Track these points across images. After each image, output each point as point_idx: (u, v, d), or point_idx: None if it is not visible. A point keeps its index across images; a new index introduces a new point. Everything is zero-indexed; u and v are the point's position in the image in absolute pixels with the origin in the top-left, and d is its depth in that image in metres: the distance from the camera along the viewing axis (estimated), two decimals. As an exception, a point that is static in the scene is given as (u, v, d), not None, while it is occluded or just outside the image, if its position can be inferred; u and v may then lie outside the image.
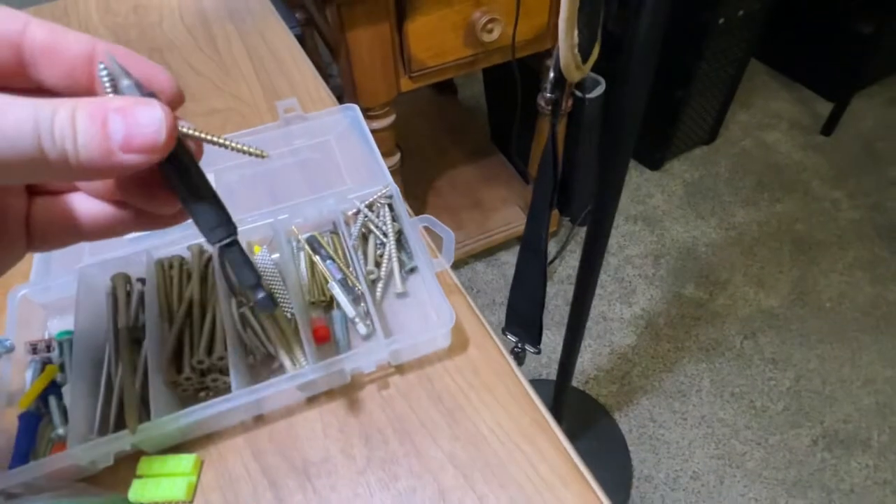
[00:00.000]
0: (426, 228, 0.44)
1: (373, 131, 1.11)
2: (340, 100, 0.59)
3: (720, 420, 1.27)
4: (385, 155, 1.13)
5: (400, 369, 0.40)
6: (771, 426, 1.26)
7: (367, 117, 1.04)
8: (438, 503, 0.34)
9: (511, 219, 1.54)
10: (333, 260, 0.44)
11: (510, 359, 0.41)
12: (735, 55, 1.58)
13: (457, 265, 1.59)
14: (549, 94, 0.46)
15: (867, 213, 1.64)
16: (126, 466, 0.36)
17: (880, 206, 1.66)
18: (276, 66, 0.63)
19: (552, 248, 1.62)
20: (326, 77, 0.96)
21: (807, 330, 1.41)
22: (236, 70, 0.63)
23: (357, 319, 0.41)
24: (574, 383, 1.33)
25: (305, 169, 0.53)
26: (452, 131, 1.78)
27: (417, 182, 1.63)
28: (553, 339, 1.42)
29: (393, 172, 1.17)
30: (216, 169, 0.53)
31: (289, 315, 0.41)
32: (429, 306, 0.44)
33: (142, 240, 0.45)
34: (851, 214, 1.64)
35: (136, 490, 0.35)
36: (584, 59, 0.42)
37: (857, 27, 1.74)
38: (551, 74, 0.44)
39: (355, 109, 0.55)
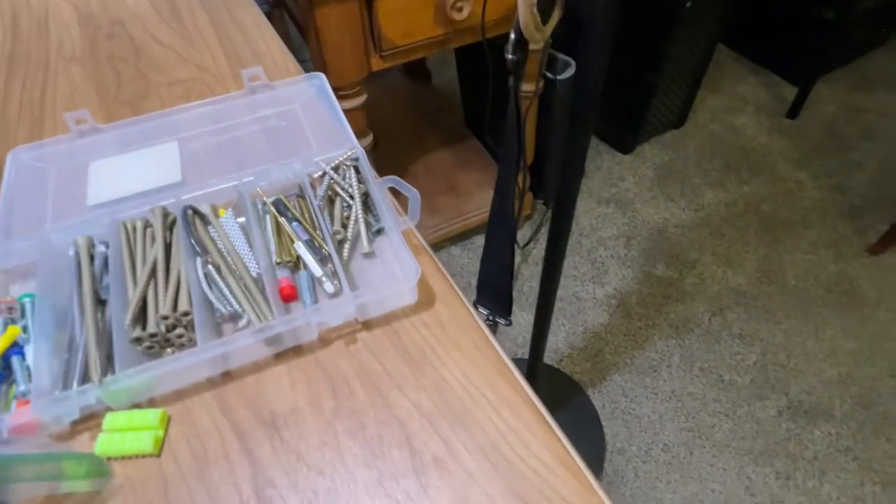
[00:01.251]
0: (392, 189, 0.45)
1: (343, 112, 1.10)
2: (308, 71, 0.59)
3: (689, 394, 1.30)
4: (357, 136, 1.12)
5: (367, 325, 0.41)
6: (738, 399, 1.29)
7: (338, 97, 1.03)
8: (404, 448, 0.35)
9: (486, 203, 1.55)
10: (300, 222, 0.44)
11: (476, 314, 0.42)
12: (703, 39, 1.61)
13: (433, 249, 1.59)
14: (510, 56, 0.47)
15: (830, 194, 1.69)
16: (93, 424, 0.36)
17: (843, 186, 1.71)
18: (241, 37, 0.63)
19: (527, 231, 1.64)
20: (298, 60, 0.96)
21: (772, 306, 1.45)
22: (200, 41, 0.63)
23: (324, 278, 0.42)
24: (549, 361, 1.35)
25: (271, 136, 0.53)
26: (426, 116, 1.78)
27: (392, 167, 1.63)
28: (527, 319, 1.44)
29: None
30: (180, 138, 0.53)
31: (254, 274, 0.41)
32: (396, 266, 0.44)
33: (106, 204, 0.45)
34: (815, 195, 1.69)
35: (102, 444, 0.35)
36: (545, 21, 0.43)
37: (820, 13, 1.78)
38: (512, 35, 0.45)
39: (322, 78, 0.55)
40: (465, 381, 0.38)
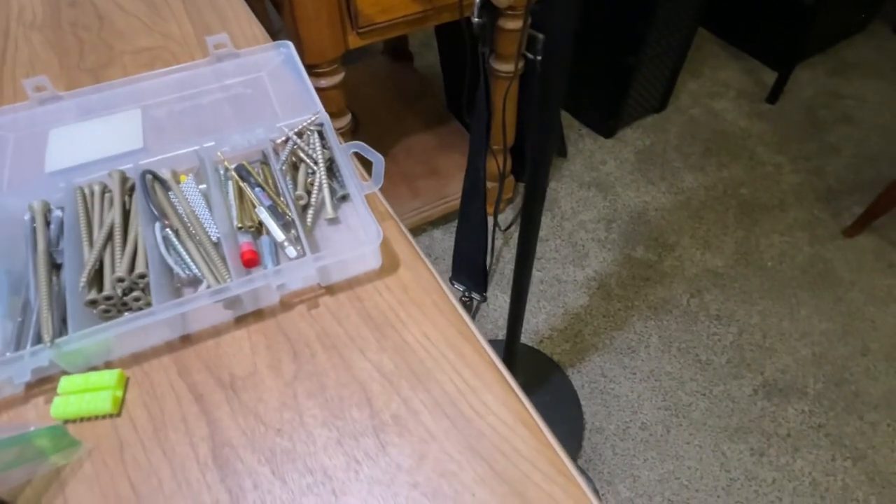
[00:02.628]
0: (357, 154, 0.44)
1: (321, 90, 1.09)
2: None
3: (667, 373, 1.32)
4: (334, 116, 1.12)
5: (330, 290, 0.41)
6: (715, 378, 1.31)
7: (314, 75, 1.02)
8: (365, 408, 0.35)
9: (467, 185, 1.54)
10: (262, 187, 0.44)
11: (440, 278, 0.42)
12: (683, 23, 1.62)
13: (414, 232, 1.59)
14: (475, 19, 0.46)
15: (807, 177, 1.71)
16: (48, 388, 0.36)
17: (820, 169, 1.73)
18: (207, 4, 0.62)
19: (509, 214, 1.64)
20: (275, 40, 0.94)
21: (749, 287, 1.47)
22: (166, 9, 0.61)
23: (286, 244, 0.41)
24: (529, 343, 1.36)
25: (236, 104, 0.52)
26: (408, 99, 1.77)
27: (373, 149, 1.62)
28: (508, 301, 1.44)
29: (344, 135, 1.16)
30: (143, 105, 0.52)
31: (214, 239, 0.41)
32: (360, 231, 0.44)
33: (64, 171, 0.44)
34: (793, 178, 1.71)
35: (59, 406, 0.34)
36: (510, -16, 0.43)
37: (799, -1, 1.79)
38: (478, -1, 0.45)
39: (289, 46, 0.55)
40: (426, 342, 0.38)
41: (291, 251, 0.41)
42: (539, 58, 1.29)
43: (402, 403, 0.35)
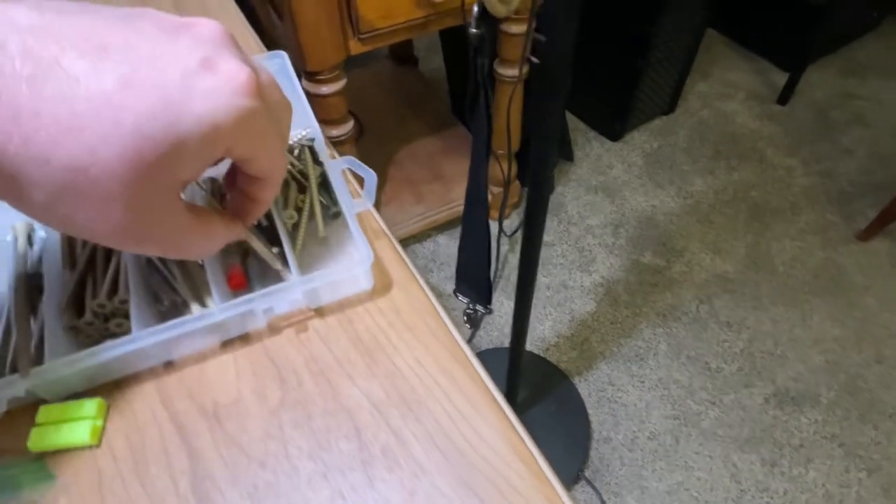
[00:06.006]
0: (349, 171, 0.43)
1: (322, 96, 1.08)
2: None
3: (676, 382, 1.29)
4: (337, 123, 1.10)
5: (320, 312, 0.39)
6: (725, 386, 1.29)
7: (316, 81, 1.01)
8: (353, 440, 0.34)
9: (471, 190, 1.53)
10: (252, 204, 0.42)
11: (434, 299, 0.40)
12: (692, 24, 1.59)
13: (419, 238, 1.57)
14: (473, 30, 0.45)
15: (819, 180, 1.68)
16: (27, 419, 0.35)
17: (832, 172, 1.70)
18: (201, 13, 0.60)
19: (514, 220, 1.62)
20: (280, 47, 0.93)
21: (760, 293, 1.44)
22: (159, 19, 0.60)
23: (275, 265, 0.40)
24: (535, 350, 1.34)
25: (229, 117, 0.51)
26: (412, 103, 1.76)
27: (377, 154, 1.61)
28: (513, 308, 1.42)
29: (347, 141, 1.14)
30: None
31: (200, 262, 0.39)
32: (353, 251, 0.43)
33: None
34: (804, 181, 1.68)
35: (36, 438, 0.33)
36: (507, -7, 0.41)
37: (810, -1, 1.76)
38: (475, 8, 0.43)
39: (283, 56, 0.53)
40: (417, 367, 0.36)
41: (280, 273, 0.40)
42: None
43: (391, 434, 0.33)
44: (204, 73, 0.23)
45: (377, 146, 1.63)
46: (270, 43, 0.68)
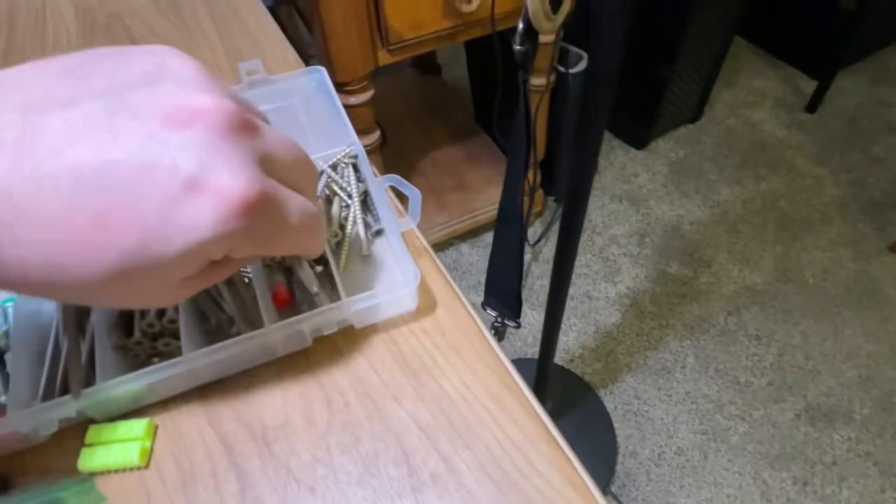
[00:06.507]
0: (392, 188, 0.43)
1: (350, 107, 1.08)
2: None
3: (704, 396, 1.27)
4: (363, 132, 1.11)
5: (365, 332, 0.39)
6: (755, 401, 1.26)
7: (344, 92, 1.01)
8: (402, 465, 0.33)
9: (496, 199, 1.51)
10: (295, 222, 0.42)
11: (479, 320, 0.40)
12: (719, 32, 1.57)
13: (441, 247, 1.57)
14: (517, 46, 0.44)
15: (850, 190, 1.65)
16: (76, 437, 0.35)
17: (863, 182, 1.66)
18: (240, 29, 0.61)
19: (537, 228, 1.61)
20: (306, 58, 0.94)
21: (790, 306, 1.41)
22: (199, 34, 0.61)
23: (319, 283, 0.40)
24: (559, 362, 1.33)
25: (269, 133, 0.51)
26: (436, 111, 1.76)
27: (400, 163, 1.61)
28: (537, 318, 1.41)
29: (372, 151, 1.15)
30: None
31: (246, 280, 0.39)
32: (396, 269, 0.42)
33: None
34: (835, 191, 1.65)
35: (85, 458, 0.33)
36: (555, 10, 0.41)
37: (840, 5, 1.73)
38: (520, 25, 0.42)
39: (322, 72, 0.53)
40: (465, 392, 0.36)
41: (325, 291, 0.39)
42: (571, 70, 1.26)
43: (441, 461, 0.33)
44: (187, 199, 0.20)
45: (400, 155, 1.63)
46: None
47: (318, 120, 0.52)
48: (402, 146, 1.65)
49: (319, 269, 0.41)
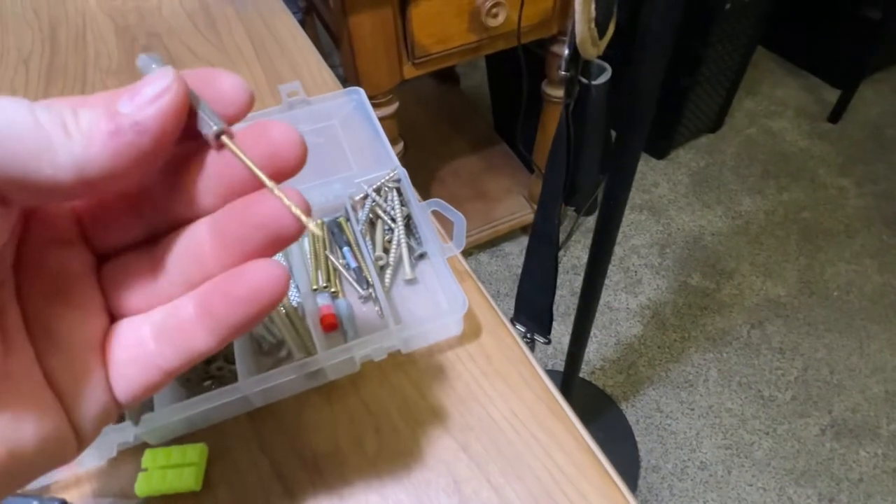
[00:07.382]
0: (435, 213, 0.43)
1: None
2: (344, 87, 0.58)
3: (727, 410, 1.26)
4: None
5: (411, 357, 0.39)
6: (779, 416, 1.25)
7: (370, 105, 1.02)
8: (453, 496, 0.33)
9: (515, 209, 1.52)
10: (350, 246, 0.43)
11: (524, 346, 0.40)
12: (741, 42, 1.56)
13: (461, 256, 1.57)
14: (563, 72, 0.44)
15: (875, 201, 1.63)
16: (132, 460, 0.35)
17: (888, 193, 1.64)
18: (278, 50, 0.62)
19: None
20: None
21: (814, 319, 1.39)
22: (237, 54, 0.62)
23: (367, 307, 0.40)
24: (580, 374, 1.32)
25: (310, 154, 0.52)
26: (455, 121, 1.76)
27: (419, 172, 1.62)
28: (559, 329, 1.41)
29: (396, 162, 1.15)
30: (218, 154, 0.51)
31: (295, 303, 0.40)
32: (439, 293, 0.43)
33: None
34: (859, 202, 1.63)
35: (142, 483, 0.34)
36: (601, 35, 0.41)
37: (864, 13, 1.71)
38: (566, 51, 0.43)
39: (360, 93, 0.54)
40: (514, 420, 0.36)
41: (372, 316, 0.40)
42: (593, 82, 1.26)
43: (493, 492, 0.33)
44: None
45: (419, 164, 1.64)
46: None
47: (356, 141, 0.53)
48: (422, 155, 1.66)
49: (368, 292, 0.41)
